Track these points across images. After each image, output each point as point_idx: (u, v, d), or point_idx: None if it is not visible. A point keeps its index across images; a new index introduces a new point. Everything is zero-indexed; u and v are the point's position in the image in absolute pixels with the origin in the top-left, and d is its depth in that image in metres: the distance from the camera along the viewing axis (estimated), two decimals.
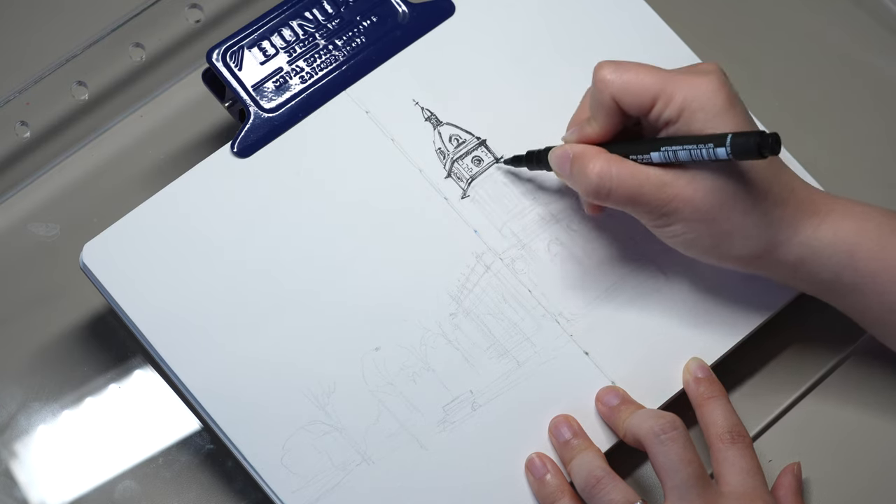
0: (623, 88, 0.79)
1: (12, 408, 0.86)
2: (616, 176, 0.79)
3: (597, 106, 0.80)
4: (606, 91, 0.79)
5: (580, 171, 0.80)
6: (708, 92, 0.78)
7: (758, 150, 0.74)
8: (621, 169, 0.79)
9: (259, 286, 0.83)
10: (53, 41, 0.93)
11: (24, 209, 0.90)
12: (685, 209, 0.78)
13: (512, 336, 0.83)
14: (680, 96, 0.78)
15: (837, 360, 0.88)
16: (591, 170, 0.79)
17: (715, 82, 0.78)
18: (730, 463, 0.80)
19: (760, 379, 0.88)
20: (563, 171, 0.82)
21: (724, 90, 0.78)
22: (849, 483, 0.86)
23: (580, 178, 0.80)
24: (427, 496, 0.81)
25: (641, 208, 0.79)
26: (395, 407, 0.82)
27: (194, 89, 0.92)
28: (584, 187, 0.80)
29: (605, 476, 0.79)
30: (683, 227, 0.79)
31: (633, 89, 0.79)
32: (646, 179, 0.79)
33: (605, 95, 0.79)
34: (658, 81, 0.79)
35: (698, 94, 0.78)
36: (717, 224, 0.79)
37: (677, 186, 0.78)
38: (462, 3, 0.89)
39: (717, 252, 0.80)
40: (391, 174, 0.85)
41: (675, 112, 0.78)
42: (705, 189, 0.78)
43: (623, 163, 0.79)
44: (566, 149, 0.81)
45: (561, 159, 0.82)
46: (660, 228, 0.80)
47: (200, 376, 0.81)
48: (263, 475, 0.80)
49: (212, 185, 0.84)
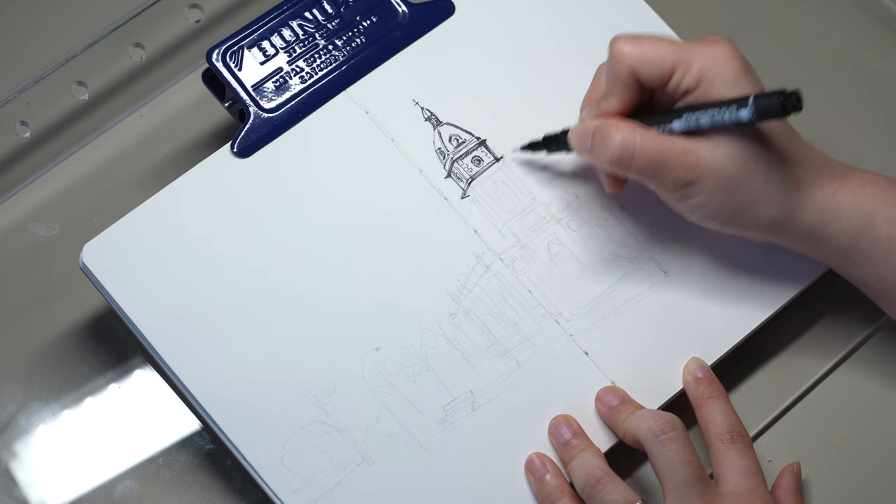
0: (641, 60, 0.79)
1: (12, 408, 0.86)
2: (639, 142, 0.79)
3: (614, 80, 0.80)
4: (624, 63, 0.80)
5: (602, 141, 0.80)
6: (725, 58, 0.79)
7: (782, 107, 0.75)
8: (644, 136, 0.79)
9: (259, 286, 0.83)
10: (53, 41, 0.93)
11: (24, 209, 0.90)
12: (708, 176, 0.79)
13: (512, 336, 0.83)
14: (698, 64, 0.79)
15: (837, 360, 0.88)
16: (613, 137, 0.79)
17: (729, 49, 0.79)
18: (729, 463, 0.80)
19: (760, 379, 0.88)
20: (583, 146, 0.82)
21: (739, 56, 0.79)
22: (849, 483, 0.86)
23: (602, 148, 0.80)
24: (427, 496, 0.81)
25: (664, 176, 0.79)
26: (395, 407, 0.82)
27: (194, 89, 0.92)
28: (606, 156, 0.80)
29: (605, 476, 0.79)
30: (706, 197, 0.79)
31: (652, 60, 0.79)
32: (669, 146, 0.79)
33: (622, 68, 0.80)
34: (675, 51, 0.79)
35: (716, 60, 0.79)
36: (738, 191, 0.79)
37: (700, 153, 0.79)
38: (462, 3, 0.89)
39: (739, 220, 0.80)
40: (391, 174, 0.85)
41: (693, 80, 0.79)
42: (727, 155, 0.78)
43: (646, 130, 0.80)
44: (587, 123, 0.82)
45: (582, 134, 0.82)
46: (681, 200, 0.80)
47: (200, 376, 0.81)
48: (263, 475, 0.80)
49: (212, 185, 0.84)
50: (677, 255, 0.86)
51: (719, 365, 0.84)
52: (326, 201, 0.85)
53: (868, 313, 0.89)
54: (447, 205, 0.85)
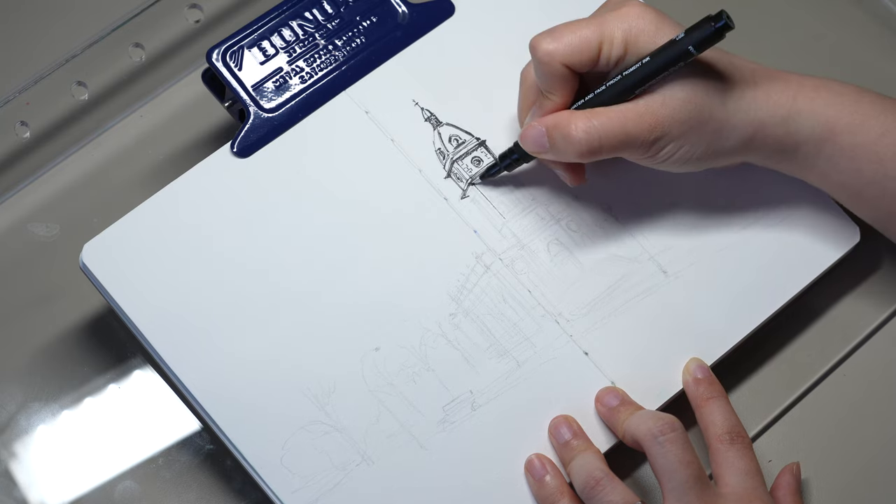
0: (569, 51, 0.80)
1: (12, 408, 0.86)
2: (599, 126, 0.79)
3: (549, 79, 0.81)
4: (554, 61, 0.80)
5: (563, 137, 0.80)
6: (639, 14, 0.80)
7: (715, 30, 0.76)
8: (600, 117, 0.80)
9: (259, 286, 0.83)
10: (53, 41, 0.93)
11: (24, 209, 0.90)
12: (671, 126, 0.79)
13: (512, 336, 0.83)
14: (620, 32, 0.80)
15: (837, 361, 0.88)
16: (574, 130, 0.80)
17: (639, 5, 0.80)
18: (729, 463, 0.80)
19: (760, 379, 0.88)
20: (541, 146, 0.82)
21: (650, 9, 0.80)
22: (848, 483, 0.86)
23: (565, 143, 0.80)
24: (427, 496, 0.81)
25: (632, 145, 0.80)
26: (395, 407, 0.82)
27: (194, 89, 0.92)
28: (574, 149, 0.80)
29: (605, 477, 0.79)
30: (674, 144, 0.80)
31: (578, 47, 0.80)
32: (625, 118, 0.79)
33: (554, 66, 0.80)
34: (594, 29, 0.80)
35: (631, 20, 0.80)
36: (703, 127, 0.80)
37: (654, 110, 0.79)
38: (462, 3, 0.89)
39: (711, 153, 0.81)
40: (391, 174, 0.85)
41: (620, 47, 0.80)
42: (680, 100, 0.79)
43: (597, 111, 0.80)
44: (534, 125, 0.82)
45: (535, 136, 0.81)
46: (654, 156, 0.81)
47: (200, 376, 0.81)
48: (263, 475, 0.80)
49: (212, 185, 0.84)
50: (677, 255, 0.86)
51: (719, 365, 0.85)
52: (326, 201, 0.85)
53: (868, 314, 0.89)
54: (447, 205, 0.85)
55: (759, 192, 0.87)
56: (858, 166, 0.81)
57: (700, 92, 0.79)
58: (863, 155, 0.81)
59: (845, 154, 0.81)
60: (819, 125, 0.81)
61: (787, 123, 0.81)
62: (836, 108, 0.81)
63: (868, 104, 0.82)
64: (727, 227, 0.86)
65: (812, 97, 0.81)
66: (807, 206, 0.87)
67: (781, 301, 0.85)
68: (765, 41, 0.95)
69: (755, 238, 0.86)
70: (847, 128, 0.81)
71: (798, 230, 0.87)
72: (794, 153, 0.82)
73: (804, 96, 0.81)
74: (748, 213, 0.87)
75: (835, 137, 0.81)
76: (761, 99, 0.81)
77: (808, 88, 0.82)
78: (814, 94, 0.81)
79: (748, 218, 0.87)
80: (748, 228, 0.86)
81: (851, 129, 0.81)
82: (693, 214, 0.86)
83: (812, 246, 0.86)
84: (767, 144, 0.82)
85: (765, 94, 0.81)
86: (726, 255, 0.86)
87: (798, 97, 0.81)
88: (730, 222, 0.87)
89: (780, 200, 0.87)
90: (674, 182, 0.87)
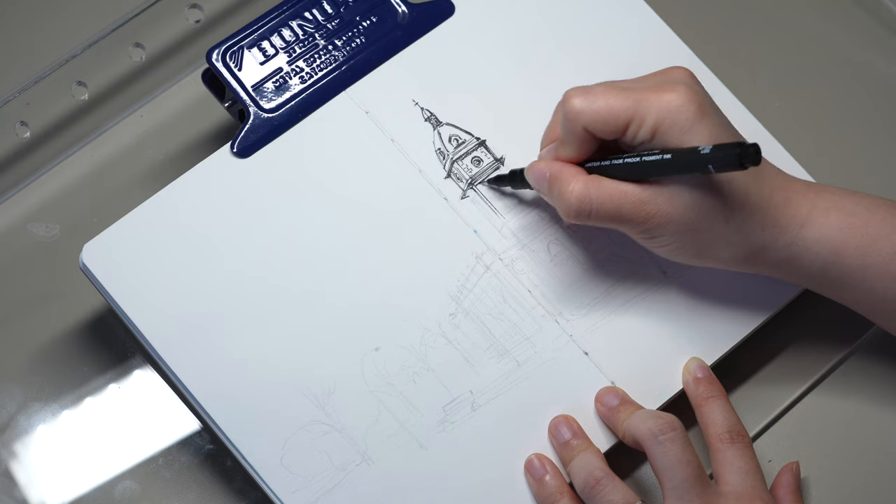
0: (594, 118, 0.78)
1: (12, 408, 0.86)
2: (595, 198, 0.79)
3: (569, 134, 0.80)
4: (578, 121, 0.79)
5: (559, 193, 0.80)
6: (679, 106, 0.77)
7: (738, 161, 0.73)
8: (600, 191, 0.79)
9: (259, 286, 0.83)
10: (53, 41, 0.93)
11: (24, 209, 0.90)
12: (667, 224, 0.78)
13: (512, 336, 0.83)
14: (651, 117, 0.77)
15: (837, 360, 0.88)
16: (569, 193, 0.79)
17: (684, 94, 0.78)
18: (729, 463, 0.80)
19: (760, 379, 0.88)
20: (541, 188, 0.82)
21: (695, 100, 0.78)
22: (848, 483, 0.86)
23: (560, 200, 0.80)
24: (427, 496, 0.81)
25: (624, 226, 0.80)
26: (395, 407, 0.82)
27: (194, 89, 0.92)
28: (564, 209, 0.80)
29: (605, 477, 0.79)
30: (668, 238, 0.79)
31: (605, 118, 0.78)
32: (625, 199, 0.78)
33: (576, 126, 0.79)
34: (629, 105, 0.78)
35: (670, 109, 0.77)
36: (700, 235, 0.79)
37: (656, 204, 0.78)
38: (462, 4, 0.89)
39: (704, 257, 0.80)
40: (391, 174, 0.85)
41: (648, 133, 0.78)
42: (684, 204, 0.78)
43: (601, 183, 0.79)
44: (542, 167, 0.81)
45: (539, 177, 0.82)
46: (645, 240, 0.81)
47: (200, 376, 0.81)
48: (263, 475, 0.80)
49: (212, 185, 0.84)
50: None
51: (719, 365, 0.84)
52: (326, 201, 0.84)
53: None
54: (447, 205, 0.85)
55: None
56: (869, 286, 0.80)
57: (707, 203, 0.78)
58: (873, 276, 0.80)
59: (855, 275, 0.80)
60: (826, 250, 0.79)
61: (790, 248, 0.80)
62: (845, 232, 0.79)
63: (879, 222, 0.80)
64: None
65: (822, 222, 0.79)
66: None
67: (782, 301, 0.85)
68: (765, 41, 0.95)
69: None
70: (856, 252, 0.79)
71: None
72: (797, 273, 0.81)
73: (813, 221, 0.79)
74: None
75: (842, 261, 0.80)
76: (769, 226, 0.79)
77: (819, 211, 0.79)
78: (824, 218, 0.79)
79: None
80: None
81: (860, 251, 0.79)
82: None
83: None
84: (767, 263, 0.80)
85: (773, 220, 0.79)
86: None
87: (806, 224, 0.79)
88: None
89: None
90: None
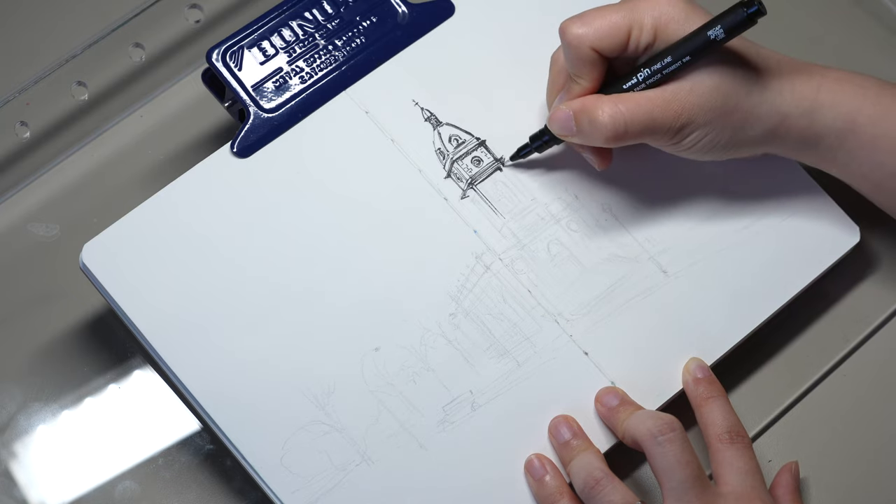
0: (598, 36, 0.80)
1: (12, 408, 0.86)
2: (626, 111, 0.80)
3: (577, 63, 0.81)
4: (584, 45, 0.80)
5: (590, 121, 0.81)
6: (669, 2, 0.80)
7: (747, 16, 0.77)
8: (627, 103, 0.80)
9: (259, 286, 0.83)
10: (53, 41, 0.93)
11: (24, 209, 0.90)
12: (697, 114, 0.80)
13: (512, 336, 0.83)
14: (649, 19, 0.80)
15: (837, 360, 0.88)
16: (601, 115, 0.80)
17: None
18: (728, 463, 0.80)
19: (760, 379, 0.88)
20: (568, 130, 0.82)
21: None
22: (848, 483, 0.86)
23: (592, 128, 0.81)
24: (427, 496, 0.81)
25: (658, 131, 0.81)
26: (395, 407, 0.82)
27: (194, 89, 0.92)
28: (600, 134, 0.81)
29: (605, 477, 0.79)
30: (700, 132, 0.81)
31: (607, 32, 0.80)
32: (652, 104, 0.80)
33: (583, 50, 0.80)
34: (624, 14, 0.80)
35: (662, 7, 0.80)
36: (729, 116, 0.80)
37: (681, 97, 0.80)
38: (462, 3, 0.89)
39: (736, 142, 0.82)
40: (391, 174, 0.85)
41: (650, 34, 0.80)
42: (707, 90, 0.80)
43: (624, 97, 0.81)
44: (562, 108, 0.82)
45: (563, 119, 0.82)
46: (679, 143, 0.81)
47: (200, 376, 0.81)
48: (263, 475, 0.80)
49: (212, 185, 0.84)
50: (677, 255, 0.86)
51: (719, 365, 0.85)
52: (326, 201, 0.85)
53: (868, 314, 0.89)
54: (447, 205, 0.85)
55: (759, 193, 0.87)
56: (880, 159, 0.82)
57: (728, 81, 0.80)
58: (884, 147, 0.82)
59: (867, 146, 0.82)
60: (841, 117, 0.82)
61: (811, 115, 0.81)
62: (859, 100, 0.82)
63: (890, 97, 0.82)
64: (727, 227, 0.86)
65: (835, 89, 0.82)
66: (807, 206, 0.87)
67: (781, 301, 0.85)
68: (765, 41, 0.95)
69: (755, 238, 0.86)
70: (869, 119, 0.82)
71: (798, 230, 0.87)
72: (817, 145, 0.83)
73: (827, 88, 0.82)
74: (748, 214, 0.87)
75: (857, 129, 0.82)
76: (786, 90, 0.81)
77: (831, 80, 0.82)
78: (837, 86, 0.82)
79: (748, 218, 0.87)
80: (748, 228, 0.86)
81: (873, 120, 0.82)
82: (693, 215, 0.86)
83: (812, 246, 0.86)
84: (791, 135, 0.82)
85: (790, 86, 0.81)
86: (726, 255, 0.86)
87: (821, 89, 0.82)
88: (730, 222, 0.87)
89: (780, 201, 0.87)
90: (674, 183, 0.87)
